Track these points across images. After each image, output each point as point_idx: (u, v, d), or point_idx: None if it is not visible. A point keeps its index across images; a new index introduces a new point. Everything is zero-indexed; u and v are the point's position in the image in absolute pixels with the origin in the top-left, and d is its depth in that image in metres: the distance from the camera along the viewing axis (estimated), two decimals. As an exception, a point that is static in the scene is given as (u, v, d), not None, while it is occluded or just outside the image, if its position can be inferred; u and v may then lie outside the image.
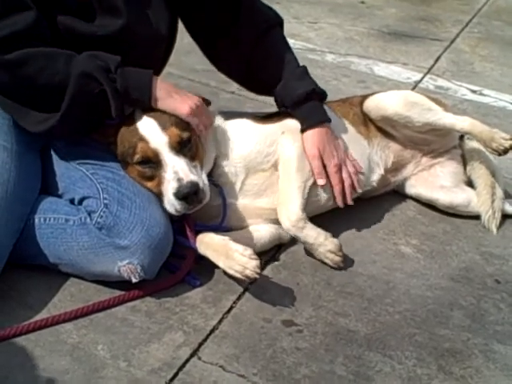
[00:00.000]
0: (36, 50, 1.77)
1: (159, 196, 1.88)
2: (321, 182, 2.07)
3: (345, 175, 2.12)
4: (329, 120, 2.13)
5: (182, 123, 1.88)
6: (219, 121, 2.09)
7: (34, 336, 1.73)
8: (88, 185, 1.90)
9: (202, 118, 1.93)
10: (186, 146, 1.86)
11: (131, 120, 1.88)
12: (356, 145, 2.24)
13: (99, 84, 1.77)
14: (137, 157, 1.85)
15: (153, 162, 1.85)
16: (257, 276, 1.82)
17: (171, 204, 1.83)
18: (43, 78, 1.77)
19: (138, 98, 1.83)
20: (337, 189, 2.11)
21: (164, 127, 1.85)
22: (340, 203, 2.12)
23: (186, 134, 1.86)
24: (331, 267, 2.03)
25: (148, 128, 1.85)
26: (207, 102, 2.03)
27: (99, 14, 1.88)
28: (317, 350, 1.75)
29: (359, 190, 2.18)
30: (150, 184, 1.89)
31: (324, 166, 2.08)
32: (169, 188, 1.82)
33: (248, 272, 1.81)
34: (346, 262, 2.06)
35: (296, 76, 2.14)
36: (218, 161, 2.02)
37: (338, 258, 2.02)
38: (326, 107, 2.18)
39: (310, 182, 2.06)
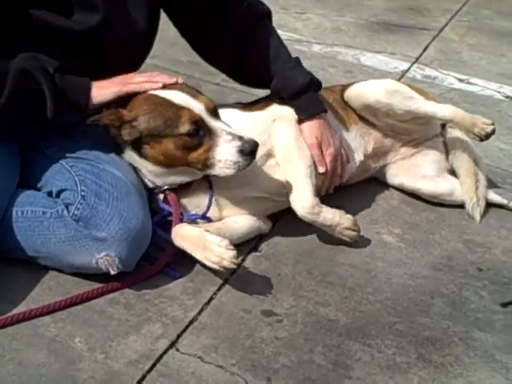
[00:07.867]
0: None
1: (204, 164, 1.83)
2: (321, 169, 2.07)
3: (338, 165, 2.12)
4: (325, 110, 2.12)
5: None
6: None
7: (11, 330, 1.71)
8: (66, 177, 1.89)
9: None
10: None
11: (151, 97, 1.83)
12: None
13: (37, 83, 1.75)
14: (186, 126, 1.79)
15: (201, 128, 1.81)
16: (234, 266, 1.81)
17: (232, 163, 1.80)
18: None
19: (74, 102, 1.79)
20: (328, 177, 2.11)
21: (194, 96, 1.83)
22: (324, 192, 2.14)
23: None
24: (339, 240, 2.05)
25: (181, 98, 1.82)
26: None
27: (77, 9, 1.85)
28: (296, 340, 1.74)
29: (343, 180, 2.19)
30: (194, 154, 1.83)
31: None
32: (229, 148, 1.79)
33: (225, 263, 1.79)
34: (328, 252, 2.06)
35: (291, 67, 2.12)
36: None
37: (354, 233, 2.04)
38: None
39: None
